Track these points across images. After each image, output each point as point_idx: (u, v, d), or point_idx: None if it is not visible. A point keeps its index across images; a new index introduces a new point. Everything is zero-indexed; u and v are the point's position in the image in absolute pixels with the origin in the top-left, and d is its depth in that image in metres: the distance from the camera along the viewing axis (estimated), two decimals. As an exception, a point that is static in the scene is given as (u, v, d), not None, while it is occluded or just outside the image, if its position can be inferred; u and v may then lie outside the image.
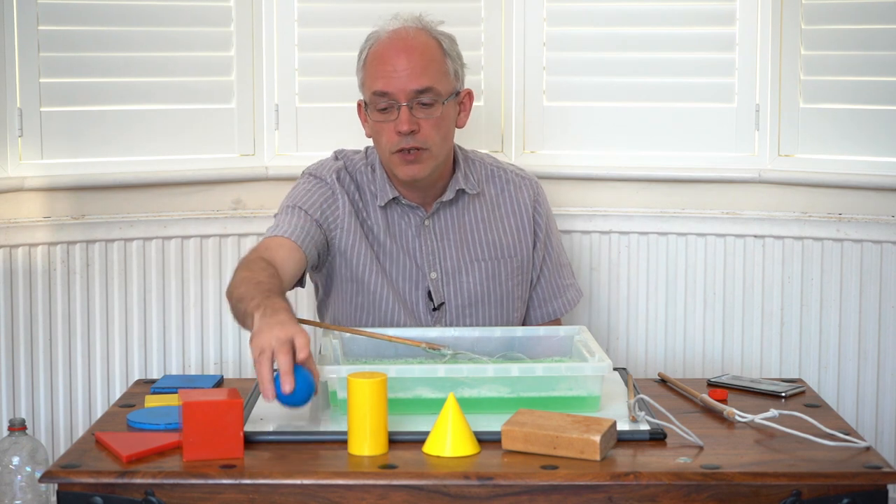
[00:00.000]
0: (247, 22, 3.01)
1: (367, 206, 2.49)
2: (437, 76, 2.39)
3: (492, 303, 2.52)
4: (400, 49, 2.39)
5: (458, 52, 2.47)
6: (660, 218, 3.04)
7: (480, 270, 2.51)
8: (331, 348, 2.20)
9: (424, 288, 2.49)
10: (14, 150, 2.89)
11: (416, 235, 2.49)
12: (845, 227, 2.94)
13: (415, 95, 2.36)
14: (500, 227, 2.54)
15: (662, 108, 3.05)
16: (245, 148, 3.06)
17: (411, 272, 2.48)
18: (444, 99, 2.40)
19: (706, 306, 3.04)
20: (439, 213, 2.50)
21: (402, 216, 2.49)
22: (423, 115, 2.38)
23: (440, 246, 2.49)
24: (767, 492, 1.79)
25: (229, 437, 1.86)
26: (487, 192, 2.55)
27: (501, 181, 2.56)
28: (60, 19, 2.91)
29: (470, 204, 2.52)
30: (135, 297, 2.98)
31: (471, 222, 2.52)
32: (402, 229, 2.49)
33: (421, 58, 2.38)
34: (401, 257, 2.48)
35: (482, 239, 2.52)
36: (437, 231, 2.50)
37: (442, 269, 2.50)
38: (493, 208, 2.55)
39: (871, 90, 2.92)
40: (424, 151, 2.38)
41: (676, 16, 3.02)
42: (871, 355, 2.94)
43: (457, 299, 2.50)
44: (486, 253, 2.52)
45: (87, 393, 2.95)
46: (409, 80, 2.36)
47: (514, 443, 1.88)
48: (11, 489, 2.22)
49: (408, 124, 2.35)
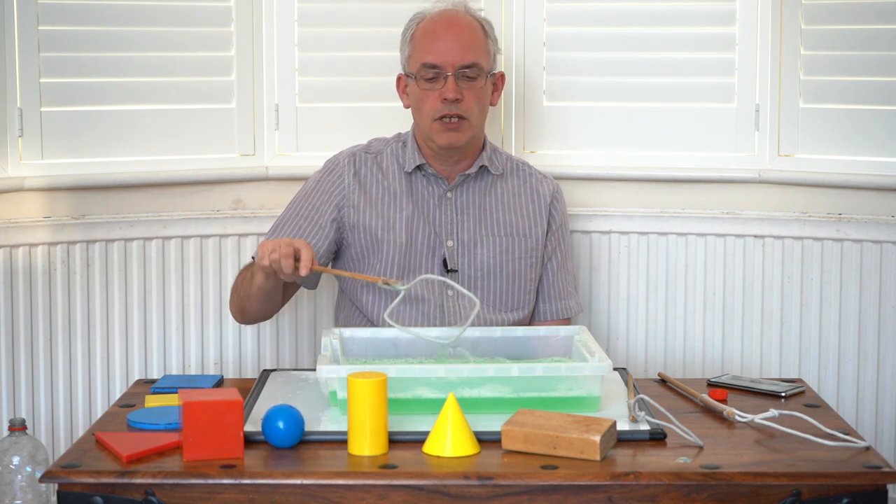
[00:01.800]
0: (247, 22, 3.01)
1: (390, 173, 2.65)
2: (480, 53, 2.60)
3: (504, 276, 2.63)
4: (450, 26, 2.60)
5: (495, 36, 2.68)
6: (660, 218, 3.04)
7: (495, 245, 2.64)
8: (331, 348, 2.20)
9: (440, 255, 2.62)
10: (14, 150, 2.89)
11: (438, 205, 2.64)
12: (845, 227, 2.94)
13: (461, 68, 2.56)
14: (517, 211, 2.68)
15: (662, 108, 3.05)
16: (245, 148, 3.06)
17: (429, 238, 2.62)
18: (485, 74, 2.60)
19: (706, 306, 3.04)
20: (462, 186, 2.65)
21: (426, 185, 2.65)
22: (467, 86, 2.57)
23: (459, 218, 2.64)
24: (767, 492, 1.79)
25: (229, 437, 1.86)
26: (510, 182, 2.71)
27: (524, 174, 2.73)
28: (60, 19, 2.90)
29: (492, 184, 2.68)
30: (135, 297, 2.97)
31: (490, 201, 2.66)
32: (424, 198, 2.64)
33: (468, 35, 2.60)
34: (420, 223, 2.62)
35: (499, 218, 2.66)
36: (458, 203, 2.64)
37: (459, 239, 2.63)
38: (514, 195, 2.69)
39: (871, 90, 2.92)
40: (464, 121, 2.57)
41: (676, 16, 3.02)
42: (870, 355, 2.94)
43: (470, 269, 2.62)
44: (501, 230, 2.65)
45: (87, 393, 2.95)
46: (458, 53, 2.57)
47: (514, 443, 1.88)
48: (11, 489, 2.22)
49: (454, 92, 2.55)
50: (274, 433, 1.91)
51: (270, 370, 2.39)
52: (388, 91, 2.84)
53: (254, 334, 3.03)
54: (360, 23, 3.04)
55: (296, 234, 2.60)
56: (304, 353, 3.05)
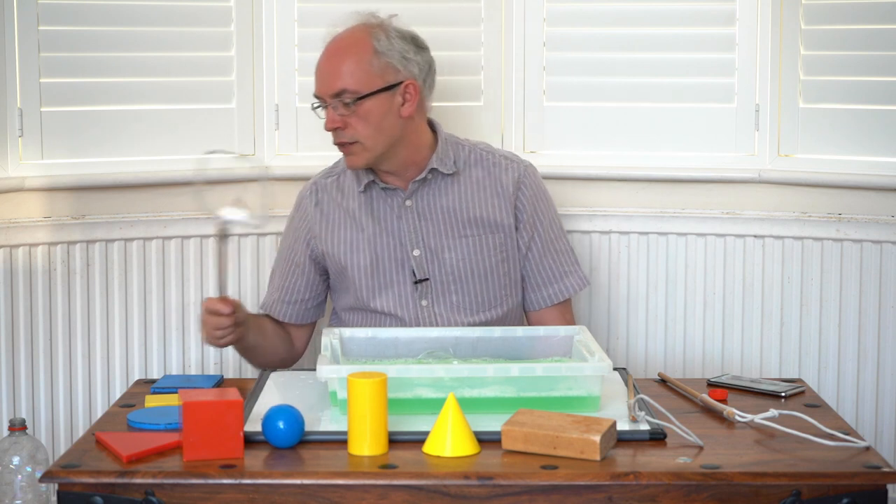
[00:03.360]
0: (247, 22, 3.01)
1: (349, 196, 2.63)
2: (353, 77, 2.50)
3: (476, 277, 2.58)
4: (326, 53, 2.55)
5: (401, 46, 2.55)
6: (660, 218, 3.04)
7: (462, 246, 2.59)
8: (331, 348, 2.20)
9: (409, 266, 2.57)
10: (14, 150, 2.89)
11: (398, 216, 2.59)
12: (845, 227, 2.94)
13: (334, 96, 2.50)
14: (482, 205, 2.61)
15: (662, 108, 3.05)
16: (245, 148, 3.06)
17: (395, 251, 2.58)
18: (361, 96, 2.49)
19: (706, 306, 3.04)
20: (418, 192, 2.59)
21: (383, 199, 2.60)
22: (346, 112, 2.50)
23: (422, 224, 2.59)
24: (767, 492, 1.79)
25: (229, 437, 1.86)
26: (473, 174, 2.63)
27: (488, 164, 2.64)
28: (60, 19, 2.90)
29: (450, 184, 2.61)
30: (135, 297, 2.97)
31: (452, 201, 2.60)
32: (384, 212, 2.60)
33: (337, 61, 2.52)
34: (384, 238, 2.59)
35: (464, 216, 2.59)
36: (418, 210, 2.59)
37: (425, 246, 2.58)
38: (477, 189, 2.62)
39: (871, 90, 2.92)
40: (356, 144, 2.52)
41: (676, 16, 3.02)
42: (870, 355, 2.94)
43: (441, 275, 2.58)
44: (467, 229, 2.59)
45: (87, 393, 2.95)
46: (327, 82, 2.52)
47: (514, 443, 1.88)
48: (11, 489, 2.22)
49: (330, 122, 2.52)
50: (274, 433, 1.91)
51: (270, 370, 2.39)
52: (387, 91, 2.82)
53: (254, 334, 3.03)
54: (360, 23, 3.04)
55: (284, 281, 2.68)
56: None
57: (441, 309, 2.57)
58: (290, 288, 2.67)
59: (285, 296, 2.68)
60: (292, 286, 2.67)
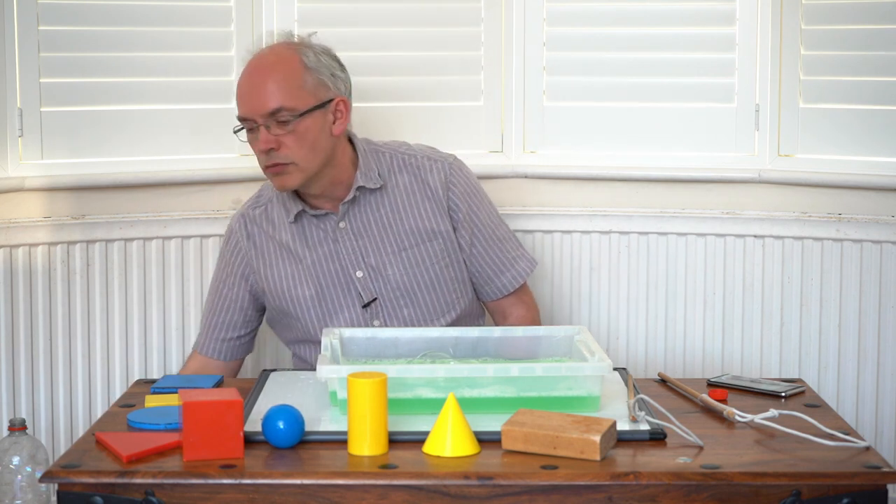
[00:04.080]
0: (247, 22, 3.01)
1: (281, 227, 2.57)
2: (289, 94, 2.43)
3: (423, 289, 2.55)
4: (251, 73, 2.46)
5: (328, 63, 2.50)
6: (660, 218, 3.04)
7: (404, 260, 2.54)
8: (331, 348, 2.20)
9: (354, 290, 2.53)
10: (14, 150, 2.89)
11: (334, 240, 2.54)
12: (845, 227, 2.93)
13: (268, 115, 2.42)
14: (416, 214, 2.56)
15: (662, 108, 3.05)
16: (245, 148, 3.04)
17: (337, 277, 2.53)
18: (298, 114, 2.43)
19: (706, 306, 3.04)
20: (350, 213, 2.55)
21: (315, 226, 2.55)
22: (282, 131, 2.42)
23: (360, 245, 2.54)
24: (767, 492, 1.79)
25: (229, 437, 1.86)
26: (400, 182, 2.57)
27: (413, 168, 2.59)
28: (60, 19, 2.90)
29: (380, 198, 2.56)
30: (135, 297, 2.97)
31: (385, 215, 2.55)
32: (319, 238, 2.55)
33: (270, 78, 2.43)
34: (324, 265, 2.54)
35: (400, 229, 2.55)
36: (353, 231, 2.54)
37: (366, 266, 2.54)
38: (407, 196, 2.57)
39: (871, 90, 2.92)
40: (290, 165, 2.44)
41: (676, 16, 3.02)
42: (870, 355, 2.94)
43: (387, 292, 2.54)
44: (405, 241, 2.55)
45: (87, 393, 2.95)
46: (258, 102, 2.42)
47: (514, 443, 1.88)
48: (11, 489, 2.22)
49: (265, 143, 2.42)
50: (274, 433, 1.91)
51: (270, 370, 2.39)
52: (385, 91, 2.83)
53: (254, 334, 3.03)
54: (359, 23, 3.04)
55: (219, 318, 2.61)
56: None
57: (395, 325, 2.54)
58: (225, 325, 2.61)
59: (221, 333, 2.61)
60: (228, 322, 2.61)
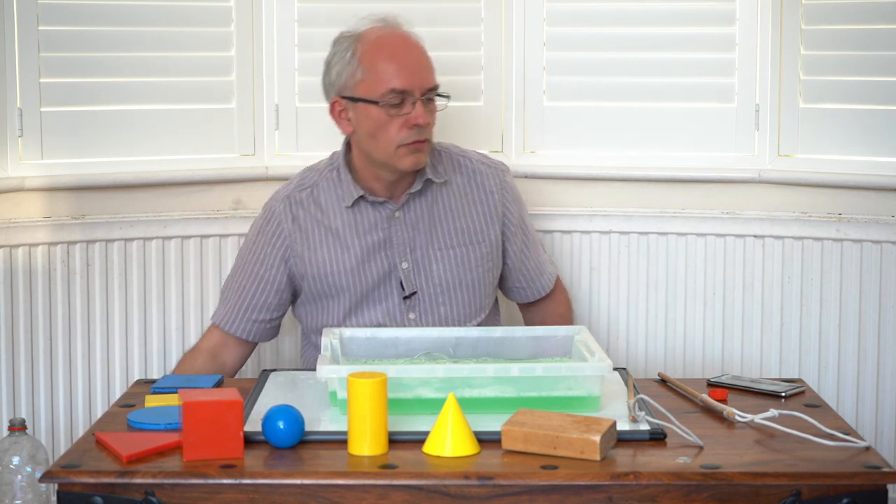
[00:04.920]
0: (247, 22, 3.01)
1: (330, 211, 2.56)
2: (435, 73, 2.51)
3: (463, 289, 2.57)
4: (407, 46, 2.49)
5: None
6: (660, 218, 3.04)
7: (450, 258, 2.56)
8: (331, 348, 2.20)
9: (397, 279, 2.54)
10: (14, 150, 2.89)
11: (387, 228, 2.54)
12: (845, 227, 2.93)
13: (428, 91, 2.47)
14: (468, 215, 2.59)
15: (662, 108, 3.05)
16: (245, 148, 3.06)
17: (382, 266, 2.54)
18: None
19: (706, 306, 3.04)
20: (409, 204, 2.56)
21: (371, 213, 2.55)
22: (429, 109, 2.48)
23: (411, 236, 2.55)
24: (767, 492, 1.79)
25: (229, 437, 1.86)
26: (455, 181, 2.60)
27: (468, 170, 2.62)
28: (60, 19, 2.90)
29: (438, 193, 2.58)
30: (135, 297, 2.97)
31: (440, 211, 2.57)
32: (371, 225, 2.54)
33: (424, 54, 2.50)
34: (371, 253, 2.54)
35: (451, 227, 2.57)
36: (407, 222, 2.55)
37: (412, 259, 2.55)
38: (462, 196, 2.60)
39: (871, 90, 2.92)
40: (427, 143, 2.49)
41: (676, 16, 3.02)
42: (871, 355, 2.94)
43: (428, 287, 2.55)
44: (455, 240, 2.57)
45: (87, 393, 2.95)
46: (424, 76, 2.47)
47: (514, 443, 1.88)
48: (11, 489, 2.22)
49: (423, 117, 2.45)
50: (274, 433, 1.91)
51: (270, 370, 2.39)
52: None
53: (254, 334, 3.03)
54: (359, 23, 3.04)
55: (251, 298, 2.57)
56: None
57: (429, 322, 2.55)
58: (257, 305, 2.58)
59: (253, 314, 2.58)
60: (261, 303, 2.58)
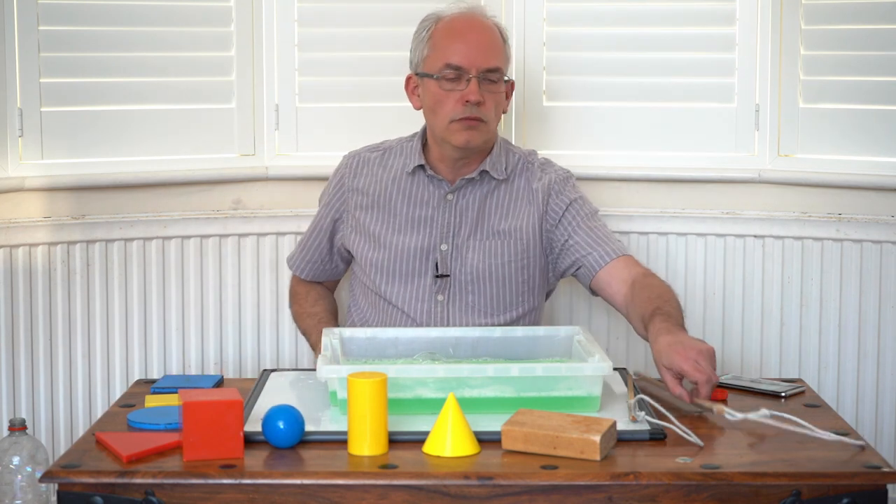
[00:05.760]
0: (247, 22, 3.01)
1: (390, 175, 2.64)
2: (501, 57, 2.57)
3: (493, 281, 2.59)
4: (474, 27, 2.57)
5: (509, 43, 2.64)
6: (660, 218, 3.04)
7: (486, 248, 2.59)
8: (331, 348, 2.20)
9: (433, 259, 2.58)
10: (14, 150, 2.89)
11: (437, 207, 2.60)
12: (845, 227, 2.93)
13: (485, 71, 2.52)
14: (514, 214, 2.62)
15: (662, 108, 3.05)
16: (245, 148, 3.06)
17: (423, 241, 2.59)
18: (503, 79, 2.56)
19: (706, 306, 3.04)
20: (463, 190, 2.61)
21: (426, 186, 2.62)
22: (487, 89, 2.53)
23: (457, 221, 2.60)
24: (767, 492, 1.79)
25: (229, 437, 1.86)
26: (517, 182, 2.65)
27: (529, 173, 2.67)
28: (60, 19, 2.90)
29: (495, 188, 2.62)
30: (135, 297, 2.97)
31: (491, 205, 2.62)
32: (423, 199, 2.61)
33: (490, 38, 2.56)
34: (417, 226, 2.60)
35: (497, 223, 2.61)
36: (457, 206, 2.60)
37: (453, 243, 2.59)
38: (515, 198, 2.64)
39: (871, 90, 2.92)
40: (482, 123, 2.53)
41: (676, 16, 3.02)
42: (870, 355, 2.94)
43: (461, 274, 2.58)
44: (493, 233, 2.60)
45: (87, 393, 2.95)
46: (482, 55, 2.53)
47: (514, 443, 1.88)
48: (11, 489, 2.22)
49: (476, 94, 2.51)
50: (274, 433, 1.91)
51: (270, 370, 2.39)
52: (388, 91, 2.83)
53: (254, 334, 3.03)
54: (359, 23, 3.04)
55: (308, 242, 2.75)
56: (304, 353, 3.05)
57: (455, 308, 2.57)
58: (310, 249, 2.76)
59: (306, 255, 2.77)
60: (314, 248, 2.75)
